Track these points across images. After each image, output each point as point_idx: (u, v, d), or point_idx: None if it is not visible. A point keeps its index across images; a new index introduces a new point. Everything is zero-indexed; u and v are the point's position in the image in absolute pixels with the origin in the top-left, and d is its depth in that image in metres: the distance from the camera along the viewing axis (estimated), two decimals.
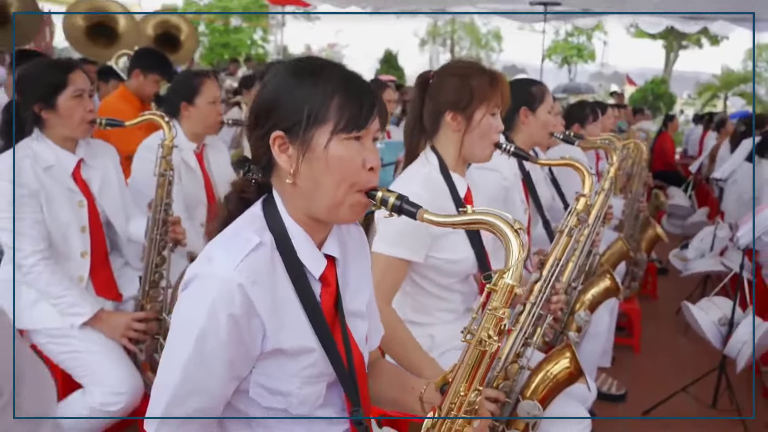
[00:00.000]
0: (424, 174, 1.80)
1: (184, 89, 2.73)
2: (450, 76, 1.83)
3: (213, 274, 1.02)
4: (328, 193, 1.06)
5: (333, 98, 1.06)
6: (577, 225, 1.85)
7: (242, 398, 1.12)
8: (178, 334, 1.04)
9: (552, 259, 1.81)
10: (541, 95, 2.59)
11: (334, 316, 1.16)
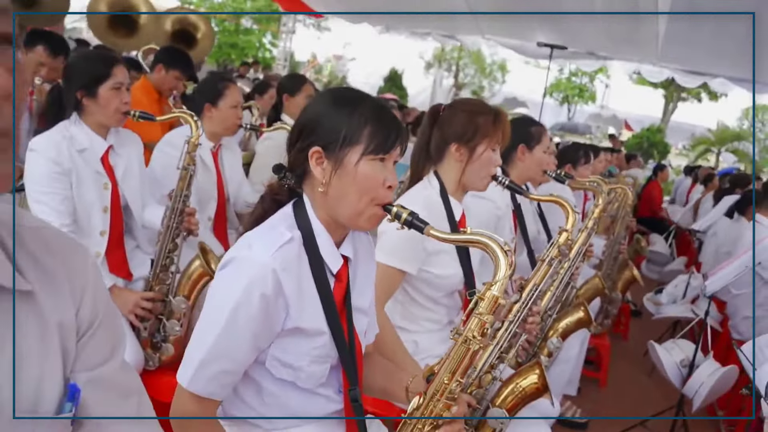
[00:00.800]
0: (425, 196, 2.01)
1: (210, 91, 2.93)
2: (459, 111, 2.04)
3: (252, 258, 1.21)
4: (352, 203, 1.27)
5: (366, 125, 1.26)
6: (557, 256, 2.05)
7: (257, 368, 1.30)
8: (216, 305, 1.23)
9: (531, 284, 2.01)
10: (539, 135, 2.81)
11: (342, 308, 1.35)
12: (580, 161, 4.08)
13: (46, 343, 0.75)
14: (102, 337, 0.82)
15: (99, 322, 0.81)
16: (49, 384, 0.75)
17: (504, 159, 2.79)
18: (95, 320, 0.81)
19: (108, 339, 0.83)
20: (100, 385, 0.81)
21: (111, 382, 0.83)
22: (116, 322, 0.86)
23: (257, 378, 1.32)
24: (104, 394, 0.81)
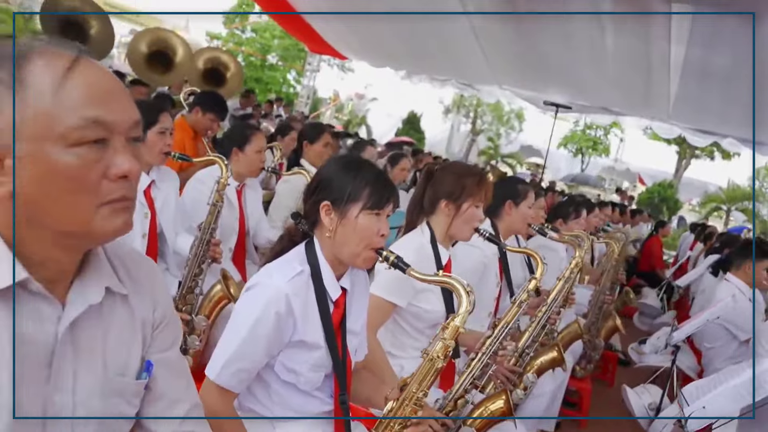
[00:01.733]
0: (418, 242, 2.38)
1: (238, 137, 3.33)
2: (450, 172, 2.43)
3: (271, 284, 1.58)
4: (352, 247, 1.64)
5: (366, 187, 1.64)
6: (526, 300, 2.39)
7: (268, 371, 1.66)
8: (241, 318, 1.59)
9: (503, 322, 2.36)
10: (524, 193, 3.17)
11: (338, 329, 1.71)
12: (570, 216, 4.44)
13: (134, 332, 1.11)
14: (168, 331, 1.19)
15: (166, 321, 1.18)
16: (134, 359, 1.11)
17: (494, 213, 3.18)
18: (164, 320, 1.18)
19: (171, 333, 1.20)
20: (165, 363, 1.17)
21: (172, 362, 1.19)
22: (176, 323, 1.23)
23: (267, 378, 1.67)
24: (167, 370, 1.17)
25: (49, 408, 0.98)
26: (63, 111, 0.87)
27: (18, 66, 0.88)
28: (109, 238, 0.99)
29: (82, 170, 0.89)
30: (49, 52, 0.90)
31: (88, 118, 0.88)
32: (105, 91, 0.91)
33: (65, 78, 0.88)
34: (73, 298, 1.00)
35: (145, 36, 7.59)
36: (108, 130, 0.91)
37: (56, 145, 0.87)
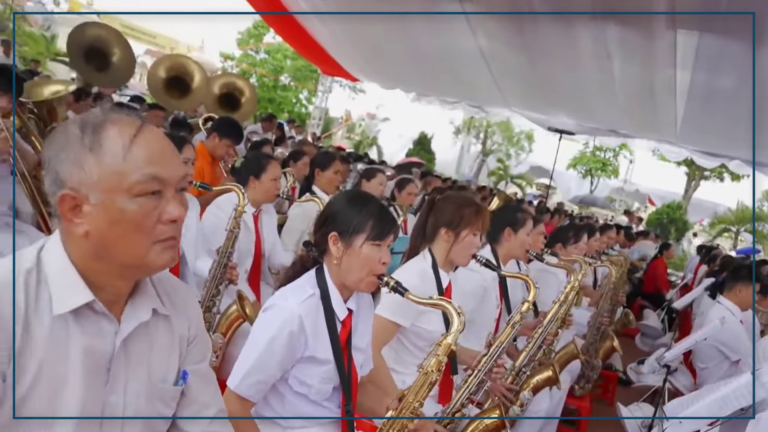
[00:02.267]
0: (420, 267, 2.59)
1: (255, 166, 3.56)
2: (450, 203, 2.64)
3: (286, 306, 1.80)
4: (356, 273, 1.85)
5: (370, 220, 1.86)
6: (519, 321, 2.59)
7: (282, 383, 1.87)
8: (259, 335, 1.80)
9: (497, 342, 2.55)
10: (523, 221, 3.38)
11: (345, 346, 1.92)
12: (569, 241, 4.62)
13: (173, 346, 1.33)
14: (200, 346, 1.40)
15: (199, 338, 1.40)
16: (172, 369, 1.33)
17: (494, 239, 3.39)
18: (197, 336, 1.39)
19: (202, 348, 1.42)
20: (197, 373, 1.39)
21: (203, 373, 1.41)
22: (207, 339, 1.45)
23: (281, 390, 1.88)
24: (199, 379, 1.39)
25: (106, 406, 1.20)
26: (130, 169, 1.11)
27: (96, 131, 1.12)
28: (159, 270, 1.22)
29: (142, 216, 1.12)
30: (121, 121, 1.13)
31: (149, 174, 1.12)
32: (161, 153, 1.15)
33: (132, 143, 1.12)
34: (126, 316, 1.23)
35: (163, 62, 7.92)
36: (163, 183, 1.14)
37: (123, 195, 1.11)
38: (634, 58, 9.80)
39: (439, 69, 13.09)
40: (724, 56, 8.65)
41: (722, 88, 9.83)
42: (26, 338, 1.10)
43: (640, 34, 8.83)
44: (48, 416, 1.14)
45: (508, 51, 11.21)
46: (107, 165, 1.11)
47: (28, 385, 1.11)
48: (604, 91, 11.55)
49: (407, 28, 11.00)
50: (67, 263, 1.16)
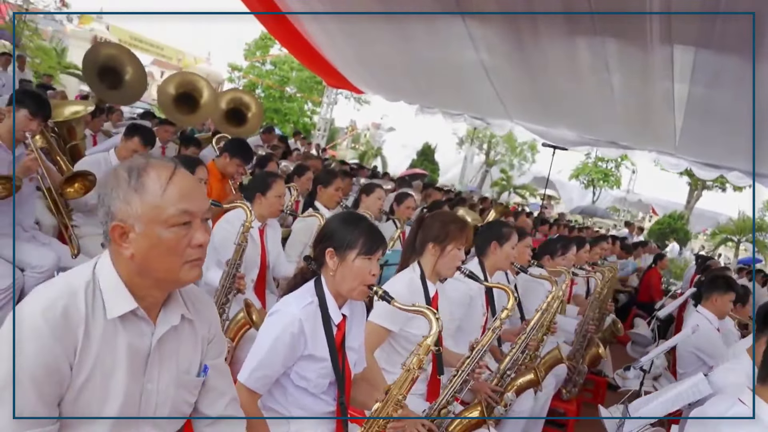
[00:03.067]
0: (409, 278, 2.87)
1: (261, 184, 3.86)
2: (437, 220, 2.93)
3: (288, 311, 2.08)
4: (350, 284, 2.14)
5: (361, 238, 2.14)
6: (499, 326, 2.86)
7: (285, 377, 2.15)
8: (265, 336, 2.09)
9: (479, 345, 2.83)
10: (508, 235, 3.65)
11: (340, 347, 2.20)
12: (557, 253, 4.90)
13: (196, 345, 1.62)
14: (217, 345, 1.69)
15: (217, 338, 1.69)
16: (195, 363, 1.62)
17: (481, 252, 3.67)
18: (215, 337, 1.68)
19: (220, 346, 1.71)
20: (215, 367, 1.68)
21: (220, 367, 1.70)
22: (223, 339, 1.74)
23: (284, 384, 2.16)
24: (217, 372, 1.68)
25: (144, 392, 1.49)
26: (166, 205, 1.40)
27: (140, 175, 1.42)
28: (188, 284, 1.52)
29: (175, 242, 1.41)
30: (159, 166, 1.43)
31: (181, 209, 1.42)
32: (190, 191, 1.44)
33: (168, 184, 1.41)
34: (161, 321, 1.52)
35: (174, 79, 8.24)
36: (192, 215, 1.44)
37: (161, 226, 1.40)
38: (633, 72, 10.05)
39: (442, 82, 13.35)
40: (721, 71, 8.91)
41: (720, 102, 10.07)
42: (85, 337, 1.39)
43: (637, 49, 9.10)
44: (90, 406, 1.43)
45: (509, 65, 11.48)
46: (148, 202, 1.40)
47: (87, 373, 1.40)
48: (604, 103, 11.81)
49: (411, 42, 11.28)
50: (116, 278, 1.45)
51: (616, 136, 14.70)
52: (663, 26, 7.83)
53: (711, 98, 10.08)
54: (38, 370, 1.33)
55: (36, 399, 1.33)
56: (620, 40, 9.04)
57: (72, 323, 1.38)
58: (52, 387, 1.35)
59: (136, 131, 4.33)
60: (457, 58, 11.38)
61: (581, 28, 8.74)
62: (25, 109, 3.47)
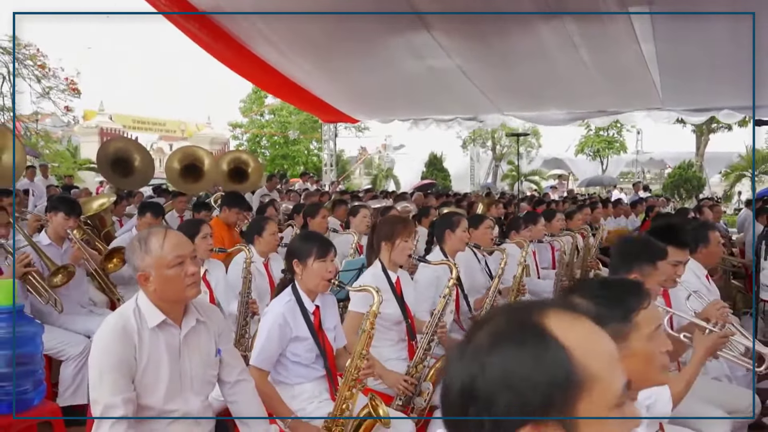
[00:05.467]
0: (372, 272, 3.73)
1: (256, 227, 4.76)
2: (384, 222, 3.81)
3: (274, 309, 2.98)
4: (314, 281, 3.02)
5: (314, 247, 3.03)
6: (449, 293, 3.69)
7: (283, 356, 3.02)
8: (262, 329, 2.97)
9: (436, 310, 3.65)
10: (458, 222, 4.48)
11: (318, 328, 3.07)
12: (521, 227, 5.72)
13: (210, 337, 2.52)
14: (225, 336, 2.60)
15: (224, 331, 2.59)
16: (213, 349, 2.52)
17: (439, 239, 4.52)
18: (223, 331, 2.58)
19: (227, 337, 2.61)
20: (227, 350, 2.58)
21: (230, 350, 2.61)
22: (230, 332, 2.64)
23: (283, 361, 3.03)
24: (228, 353, 2.57)
25: (182, 371, 2.38)
26: (166, 255, 2.30)
27: (146, 241, 2.32)
28: (192, 299, 2.41)
29: (176, 276, 2.31)
30: (156, 232, 2.33)
31: (175, 255, 2.32)
32: (178, 242, 2.35)
33: (164, 242, 2.31)
34: (183, 325, 2.42)
35: (176, 155, 9.28)
36: (183, 257, 2.34)
37: (165, 268, 2.30)
38: (598, 44, 10.70)
39: (426, 92, 13.95)
40: (677, 23, 9.59)
41: (687, 52, 10.70)
42: (140, 341, 2.29)
43: (596, 21, 9.80)
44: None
45: (484, 63, 12.20)
46: (155, 256, 2.31)
47: (145, 362, 2.29)
48: (581, 78, 12.45)
49: (386, 61, 11.89)
50: (149, 303, 2.36)
51: (603, 104, 15.30)
52: None
53: (677, 51, 10.70)
54: (118, 363, 2.23)
55: (120, 377, 2.23)
56: (577, 17, 9.77)
57: (129, 333, 2.29)
58: (126, 371, 2.26)
59: (146, 209, 5.30)
60: (434, 67, 12.07)
61: (539, 13, 9.40)
62: (61, 212, 4.45)
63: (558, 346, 0.90)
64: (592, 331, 0.95)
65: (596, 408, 0.90)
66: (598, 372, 0.91)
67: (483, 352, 0.91)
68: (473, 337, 0.94)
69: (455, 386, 0.92)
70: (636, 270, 2.62)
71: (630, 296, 1.65)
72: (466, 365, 0.91)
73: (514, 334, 0.92)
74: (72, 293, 4.40)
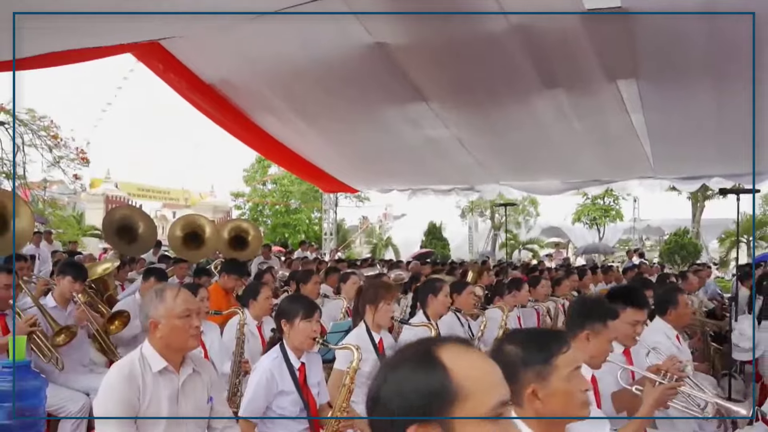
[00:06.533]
0: (358, 333, 4.00)
1: (252, 291, 5.03)
2: (369, 287, 4.10)
3: (263, 366, 3.24)
4: (300, 339, 3.29)
5: (300, 309, 3.31)
6: None
7: (269, 408, 3.26)
8: (251, 384, 3.22)
9: None
10: (439, 287, 4.76)
11: (303, 383, 3.31)
12: (505, 293, 5.98)
13: (203, 386, 2.78)
14: (217, 387, 2.86)
15: (215, 382, 2.85)
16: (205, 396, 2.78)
17: (422, 303, 4.79)
18: (214, 383, 2.84)
19: (219, 387, 2.87)
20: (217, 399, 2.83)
21: (220, 399, 2.86)
22: (221, 384, 2.89)
23: (269, 413, 3.26)
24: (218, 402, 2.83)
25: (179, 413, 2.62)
26: (176, 307, 2.61)
27: (161, 294, 2.64)
28: (192, 349, 2.70)
29: (182, 327, 2.60)
30: (171, 288, 2.65)
31: (184, 308, 2.62)
32: (188, 298, 2.66)
33: (176, 297, 2.61)
34: (181, 373, 2.68)
35: (178, 223, 9.61)
36: (190, 311, 2.64)
37: (175, 318, 2.60)
38: (588, 114, 11.01)
39: (425, 162, 14.24)
40: (664, 94, 9.95)
41: (674, 122, 11.06)
42: (143, 384, 2.55)
43: (586, 92, 10.19)
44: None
45: (480, 133, 12.54)
46: (167, 308, 2.61)
47: (147, 403, 2.55)
48: (573, 147, 12.74)
49: (386, 127, 12.14)
50: (153, 351, 2.64)
51: (597, 173, 15.55)
52: (603, 65, 8.86)
53: (666, 120, 11.04)
54: (123, 402, 2.50)
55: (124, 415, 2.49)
56: (567, 89, 10.16)
57: (135, 377, 2.57)
58: (130, 410, 2.53)
59: (150, 273, 5.59)
60: (431, 137, 12.39)
61: (531, 87, 9.74)
62: (69, 276, 4.74)
63: (442, 368, 1.21)
64: (477, 360, 1.27)
65: (470, 415, 1.19)
66: (472, 389, 1.20)
67: (389, 368, 1.22)
68: (389, 360, 1.24)
69: (369, 394, 1.20)
70: (588, 327, 2.87)
71: (551, 342, 1.93)
72: (376, 378, 1.21)
73: (412, 357, 1.24)
74: (73, 353, 4.64)
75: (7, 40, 5.30)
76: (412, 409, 1.19)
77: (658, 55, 8.51)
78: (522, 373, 1.87)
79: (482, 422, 1.20)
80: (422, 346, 1.27)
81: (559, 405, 1.85)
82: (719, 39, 7.75)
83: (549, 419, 1.84)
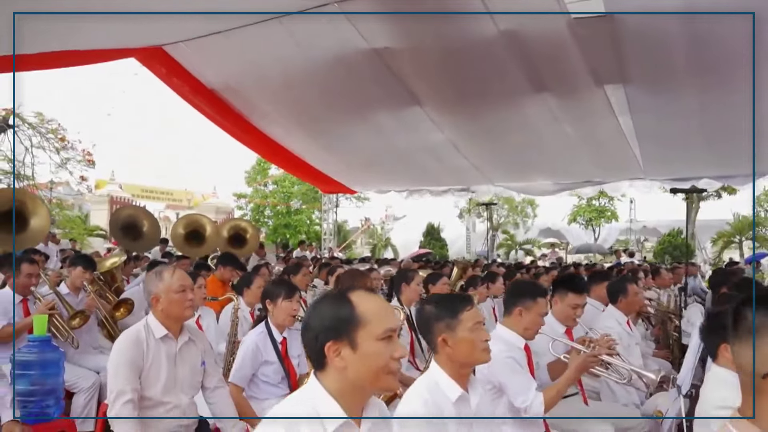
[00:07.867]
0: None
1: (246, 280, 5.58)
2: (344, 277, 4.62)
3: (249, 338, 3.79)
4: (282, 317, 3.88)
5: (282, 290, 3.86)
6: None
7: (255, 377, 3.79)
8: (240, 354, 3.78)
9: None
10: (412, 276, 5.28)
11: (285, 355, 3.85)
12: (478, 284, 6.50)
13: (197, 353, 3.32)
14: (208, 353, 3.39)
15: (207, 350, 3.39)
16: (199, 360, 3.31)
17: (397, 291, 5.31)
18: (206, 350, 3.38)
19: (210, 354, 3.39)
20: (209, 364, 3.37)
21: (211, 363, 3.39)
22: (212, 352, 3.42)
23: (255, 380, 3.79)
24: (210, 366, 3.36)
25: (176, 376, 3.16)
26: (173, 284, 3.15)
27: (160, 273, 3.18)
28: (188, 319, 3.25)
29: (179, 299, 3.15)
30: (168, 268, 3.19)
31: (180, 284, 3.17)
32: (184, 276, 3.21)
33: (173, 275, 3.17)
34: (179, 339, 3.23)
35: (181, 222, 10.16)
36: (185, 287, 3.18)
37: (173, 293, 3.15)
38: (577, 118, 11.32)
39: (419, 164, 14.61)
40: (651, 97, 10.29)
41: (661, 124, 11.42)
42: (147, 348, 3.08)
43: (574, 96, 10.54)
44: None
45: (473, 137, 12.98)
46: (165, 284, 3.15)
47: (149, 364, 3.08)
48: (564, 149, 13.04)
49: (381, 135, 12.62)
50: (156, 321, 3.17)
51: (588, 174, 15.93)
52: (590, 70, 9.16)
53: (653, 123, 11.39)
54: (130, 361, 3.03)
55: (130, 372, 3.02)
56: (557, 94, 10.52)
57: (140, 342, 3.10)
58: (135, 369, 3.05)
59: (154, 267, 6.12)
60: (426, 140, 12.75)
61: (522, 92, 10.05)
62: (80, 266, 5.30)
63: (350, 303, 1.78)
64: (376, 300, 1.86)
65: (368, 335, 1.75)
66: (370, 318, 1.78)
67: (315, 304, 1.78)
68: (316, 300, 1.80)
69: (303, 322, 1.78)
70: (520, 304, 3.41)
71: (458, 302, 2.50)
72: (307, 311, 1.77)
73: (331, 296, 1.79)
74: (85, 336, 5.20)
75: (7, 40, 5.62)
76: (329, 330, 1.75)
77: (644, 59, 8.73)
78: (435, 326, 2.45)
79: (377, 340, 1.75)
80: (339, 291, 1.82)
81: (465, 350, 2.42)
82: (703, 41, 7.94)
83: (459, 363, 2.41)
